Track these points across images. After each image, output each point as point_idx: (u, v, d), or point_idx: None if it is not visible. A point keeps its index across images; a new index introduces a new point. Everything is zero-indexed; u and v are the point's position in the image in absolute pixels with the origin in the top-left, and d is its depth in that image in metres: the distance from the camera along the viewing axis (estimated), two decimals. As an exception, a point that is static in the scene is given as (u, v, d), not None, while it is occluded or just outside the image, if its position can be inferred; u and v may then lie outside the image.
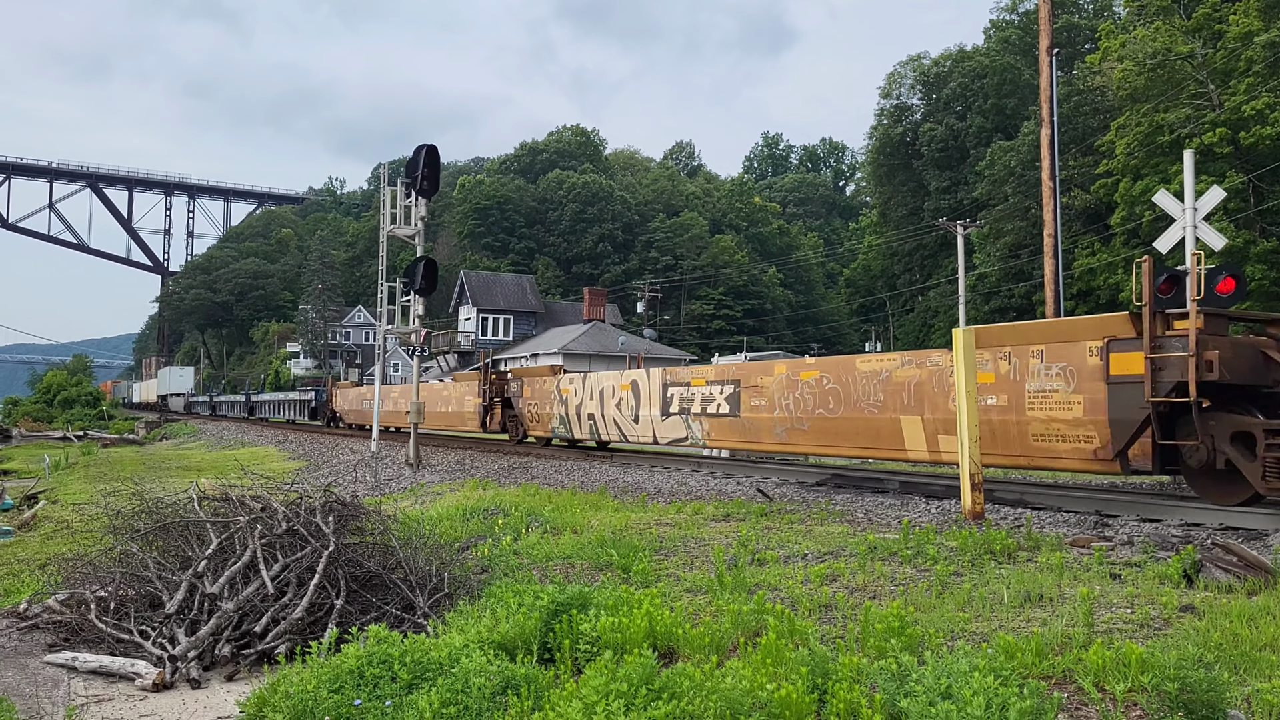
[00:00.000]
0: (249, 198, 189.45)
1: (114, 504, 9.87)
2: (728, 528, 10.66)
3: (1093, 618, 5.62)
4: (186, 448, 42.69)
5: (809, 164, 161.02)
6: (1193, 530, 9.63)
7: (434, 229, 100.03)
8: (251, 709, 5.34)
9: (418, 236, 22.22)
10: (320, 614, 7.27)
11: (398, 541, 8.24)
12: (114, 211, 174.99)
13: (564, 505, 12.59)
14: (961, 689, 4.25)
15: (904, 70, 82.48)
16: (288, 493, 9.49)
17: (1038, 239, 46.42)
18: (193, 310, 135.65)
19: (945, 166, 75.82)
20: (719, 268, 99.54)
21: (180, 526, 8.51)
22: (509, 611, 6.20)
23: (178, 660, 6.55)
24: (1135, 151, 46.88)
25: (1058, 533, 9.56)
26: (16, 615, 7.96)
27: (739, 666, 4.92)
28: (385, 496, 16.84)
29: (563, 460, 20.85)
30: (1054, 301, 23.61)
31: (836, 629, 6.01)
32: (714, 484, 15.64)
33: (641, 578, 7.68)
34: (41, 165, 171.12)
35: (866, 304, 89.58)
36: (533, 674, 5.16)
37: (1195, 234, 18.45)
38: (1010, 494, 12.61)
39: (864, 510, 12.11)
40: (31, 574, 11.31)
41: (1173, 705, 4.28)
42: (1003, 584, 6.90)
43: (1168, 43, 45.42)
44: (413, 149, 22.31)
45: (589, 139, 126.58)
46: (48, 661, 6.87)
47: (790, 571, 7.84)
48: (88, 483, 24.82)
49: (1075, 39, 70.19)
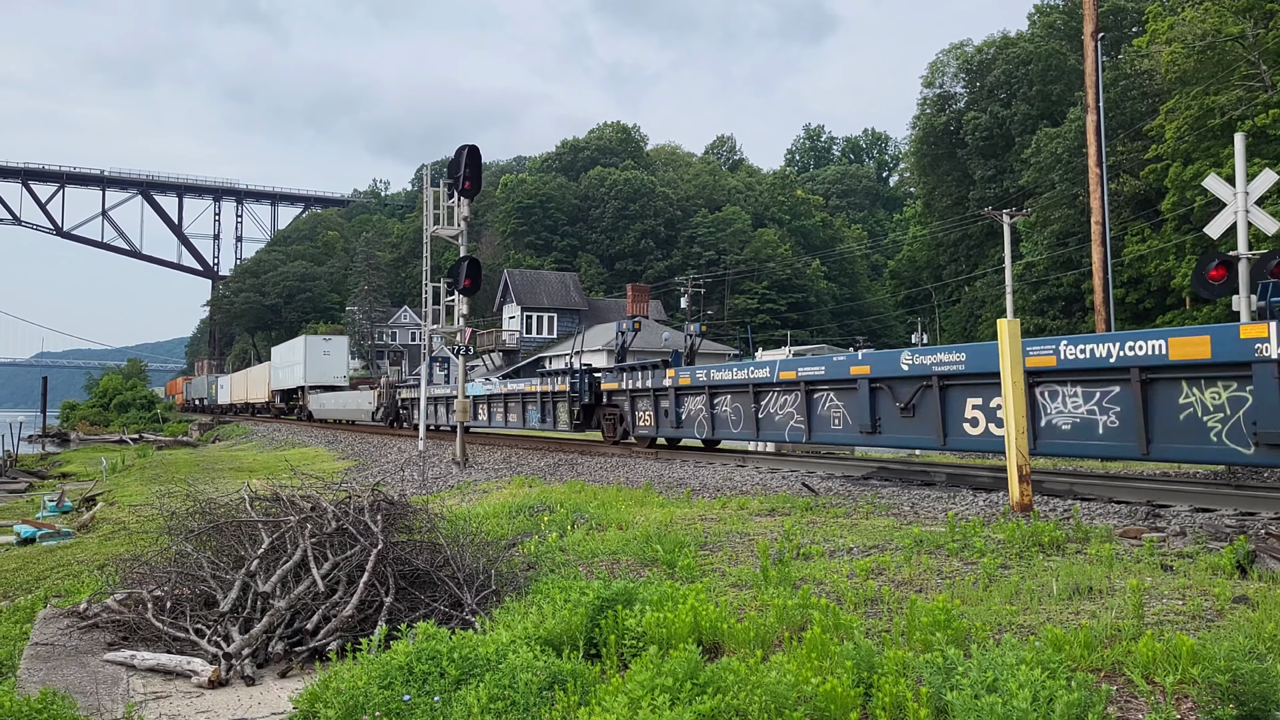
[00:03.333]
0: (295, 201, 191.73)
1: (169, 505, 10.06)
2: (772, 522, 10.65)
3: (1143, 610, 5.55)
4: (238, 449, 43.36)
5: (851, 155, 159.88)
6: (1247, 520, 9.47)
7: (477, 228, 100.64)
8: (304, 705, 5.44)
9: (461, 236, 22.39)
10: (370, 611, 7.37)
11: (445, 539, 8.33)
12: (165, 218, 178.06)
13: (609, 501, 12.64)
14: (1008, 681, 4.23)
15: (947, 59, 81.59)
16: (337, 492, 9.63)
17: (1085, 226, 45.75)
18: (243, 313, 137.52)
19: (990, 155, 74.91)
20: (762, 262, 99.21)
21: (233, 526, 8.65)
22: (555, 608, 6.25)
23: (232, 657, 6.68)
24: (1185, 135, 46.03)
25: (1107, 524, 9.43)
26: (77, 615, 8.15)
27: (784, 661, 4.92)
28: (432, 495, 17.01)
29: (608, 457, 20.91)
30: (1103, 290, 23.28)
31: (882, 623, 5.99)
32: (759, 479, 15.61)
33: (686, 573, 7.69)
34: (94, 174, 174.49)
35: (912, 295, 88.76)
36: (579, 669, 5.20)
37: (1247, 218, 18.09)
38: (1059, 485, 12.47)
39: (910, 503, 12.04)
40: (91, 574, 11.59)
41: (1224, 698, 4.22)
42: (1051, 576, 6.83)
43: (1217, 24, 44.52)
44: (451, 148, 22.74)
45: (630, 135, 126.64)
46: (107, 659, 7.04)
47: (835, 565, 7.82)
48: (143, 484, 25.31)
49: (1122, 22, 69.00)
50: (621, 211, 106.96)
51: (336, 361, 56.75)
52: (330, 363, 56.49)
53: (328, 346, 57.36)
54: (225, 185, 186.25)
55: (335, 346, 57.71)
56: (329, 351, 56.81)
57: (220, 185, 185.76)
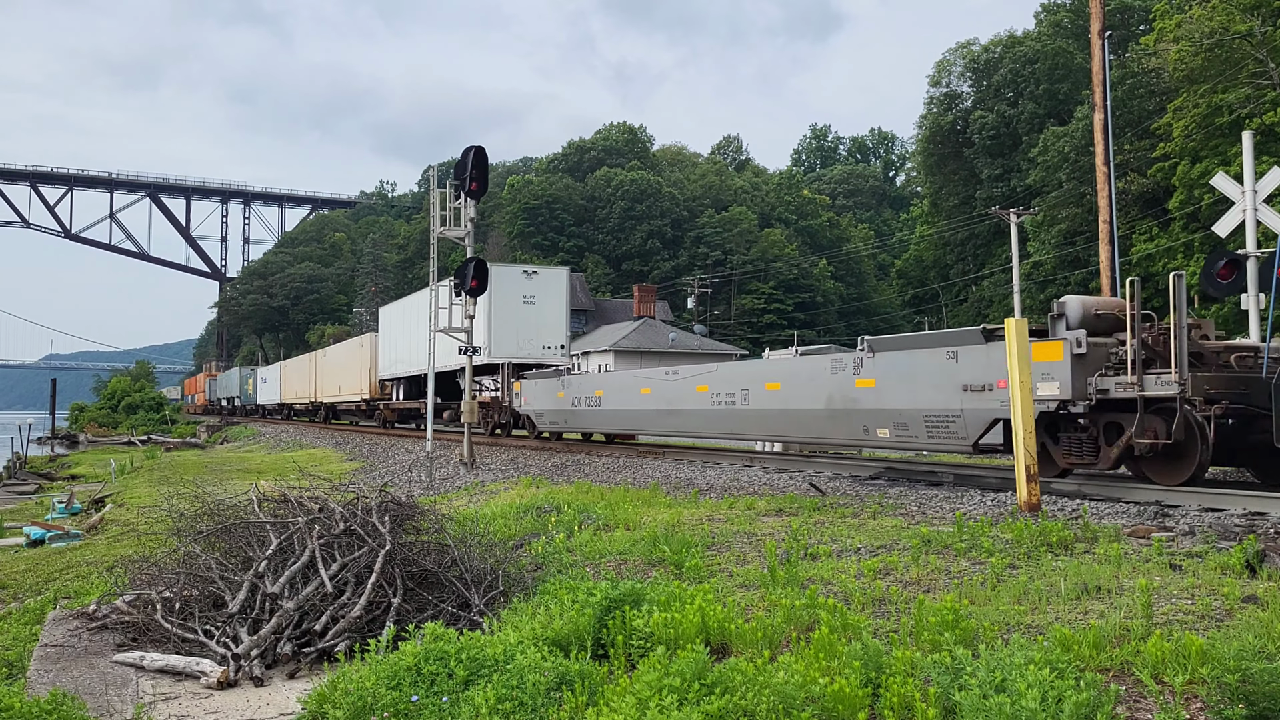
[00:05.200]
0: (302, 203, 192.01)
1: (177, 507, 10.09)
2: (780, 522, 10.64)
3: (1151, 609, 5.54)
4: (246, 450, 43.45)
5: (858, 155, 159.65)
6: (1256, 519, 9.44)
7: (484, 229, 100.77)
8: (313, 705, 5.45)
9: (467, 238, 22.40)
10: (378, 612, 7.38)
11: (453, 540, 8.34)
12: (172, 220, 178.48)
13: (616, 502, 12.64)
14: (1016, 681, 4.23)
15: (953, 58, 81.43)
16: (344, 493, 9.65)
17: (1093, 225, 45.63)
18: (250, 315, 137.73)
19: (997, 154, 74.74)
20: (769, 262, 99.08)
21: (241, 528, 8.68)
22: (563, 608, 6.26)
23: (241, 658, 6.70)
24: (1193, 133, 45.88)
25: (1116, 524, 9.41)
26: (86, 616, 8.18)
27: (792, 661, 4.92)
28: (440, 496, 17.04)
29: (615, 457, 20.91)
30: (1110, 289, 23.22)
31: (890, 623, 5.99)
32: (766, 479, 15.60)
33: (694, 573, 7.69)
34: (102, 177, 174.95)
35: (919, 295, 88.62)
36: (587, 670, 5.21)
37: (1256, 217, 18.03)
38: (1067, 485, 12.44)
39: (918, 503, 12.02)
40: (100, 575, 11.63)
41: (1233, 697, 4.21)
42: (1059, 576, 6.82)
43: (1225, 21, 44.36)
44: (456, 149, 22.71)
45: (636, 136, 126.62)
46: (116, 661, 7.06)
47: (843, 566, 7.82)
48: (152, 486, 25.37)
49: (1129, 20, 68.82)
50: (628, 212, 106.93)
51: (549, 314, 30.47)
52: (537, 316, 30.21)
53: (531, 285, 30.25)
54: (232, 187, 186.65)
55: (546, 284, 30.59)
56: (534, 296, 30.07)
57: (227, 187, 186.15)
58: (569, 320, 31.11)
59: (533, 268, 31.25)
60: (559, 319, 30.63)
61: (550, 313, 30.45)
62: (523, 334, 29.80)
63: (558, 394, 25.83)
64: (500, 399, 30.11)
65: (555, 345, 30.31)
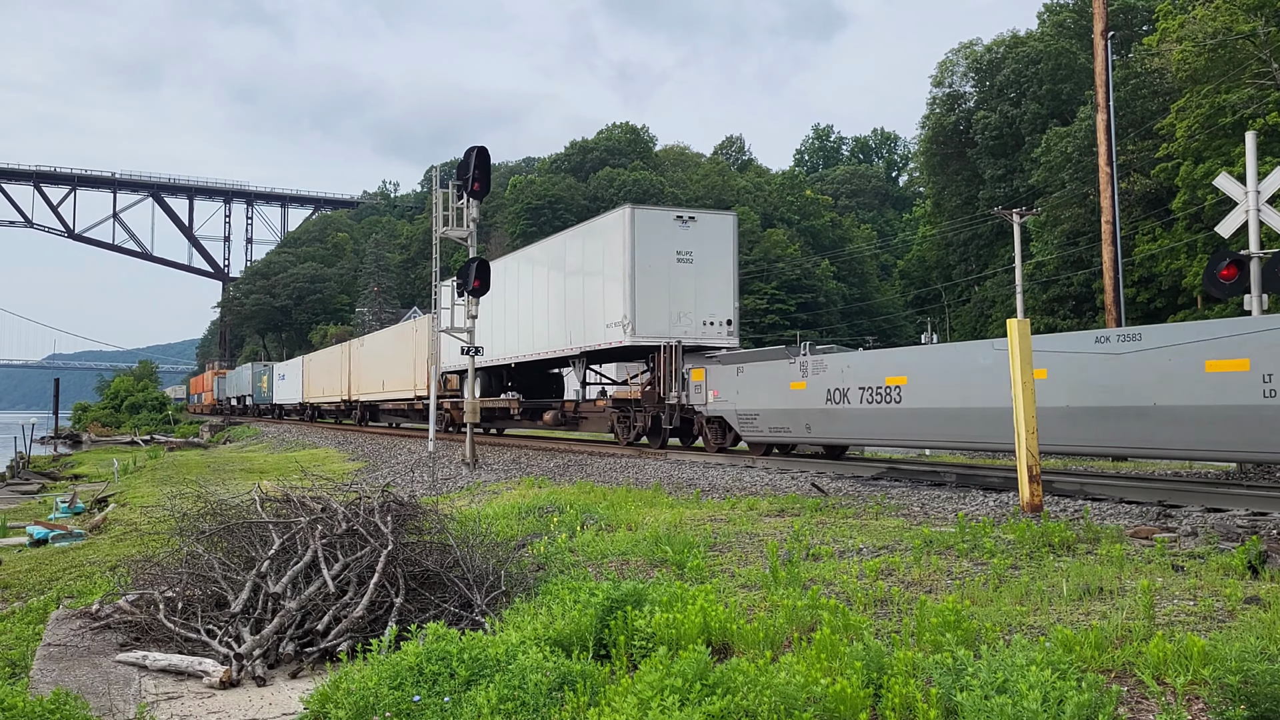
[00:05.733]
0: (305, 203, 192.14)
1: (180, 506, 10.11)
2: (782, 523, 10.64)
3: (1153, 610, 5.54)
4: (249, 450, 43.50)
5: (860, 155, 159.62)
6: (1259, 520, 9.43)
7: (486, 229, 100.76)
8: (315, 705, 5.46)
9: (470, 238, 22.41)
10: (380, 612, 7.39)
11: (455, 540, 8.35)
12: (175, 220, 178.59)
13: (618, 502, 12.64)
14: (1018, 682, 4.23)
15: (956, 58, 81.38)
16: (347, 493, 9.65)
17: (1096, 226, 45.62)
18: (253, 315, 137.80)
19: (1000, 154, 74.71)
20: (771, 262, 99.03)
21: (243, 528, 8.68)
22: (565, 608, 6.26)
23: (243, 658, 6.71)
24: (1196, 134, 45.85)
25: (1118, 524, 9.41)
26: (89, 616, 8.20)
27: (793, 661, 4.92)
28: (442, 496, 17.05)
29: (617, 458, 20.91)
30: (1113, 289, 23.23)
31: (892, 623, 5.99)
32: (768, 479, 15.60)
33: (696, 574, 7.70)
34: (105, 177, 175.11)
35: (922, 295, 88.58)
36: (588, 670, 5.21)
37: (1259, 217, 18.02)
38: (1069, 485, 12.44)
39: (920, 504, 12.02)
40: (103, 575, 11.64)
41: (1235, 698, 4.21)
42: (1061, 577, 6.82)
43: (1228, 21, 44.33)
44: (458, 149, 22.70)
45: (639, 136, 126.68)
46: (119, 660, 7.07)
47: (845, 566, 7.82)
48: (155, 486, 25.40)
49: (1132, 21, 68.76)
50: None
51: (712, 277, 22.52)
52: (695, 280, 22.36)
53: (687, 237, 22.27)
54: (235, 187, 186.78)
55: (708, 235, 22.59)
56: (690, 253, 22.27)
57: (230, 187, 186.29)
58: (737, 286, 22.54)
59: (689, 212, 22.25)
60: (725, 283, 22.30)
61: (714, 275, 22.18)
62: (677, 304, 21.80)
63: (792, 385, 17.46)
64: (656, 392, 21.72)
65: (720, 320, 22.07)
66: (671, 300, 21.79)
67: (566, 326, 24.44)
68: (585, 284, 23.73)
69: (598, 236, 23.48)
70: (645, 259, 21.55)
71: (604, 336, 22.60)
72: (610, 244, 22.46)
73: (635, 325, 21.48)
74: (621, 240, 21.73)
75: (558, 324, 24.81)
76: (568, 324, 24.04)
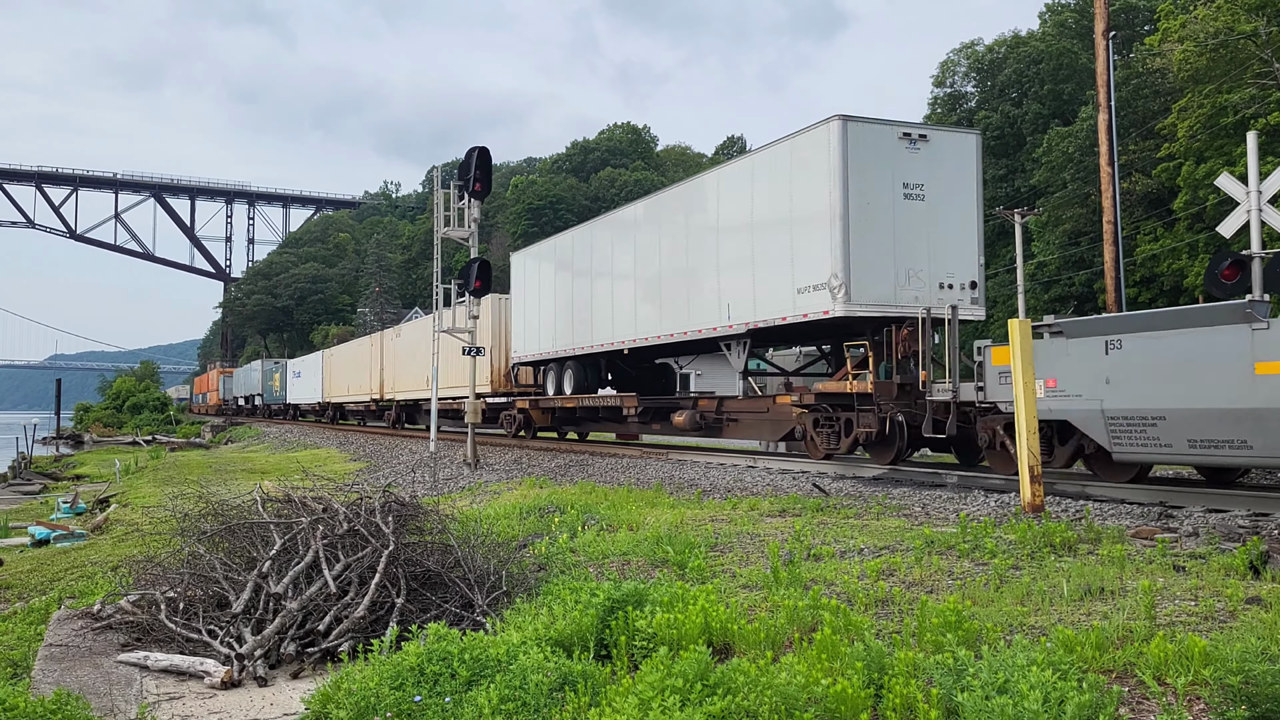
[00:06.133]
0: (306, 203, 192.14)
1: (181, 507, 10.11)
2: (783, 523, 10.64)
3: (1154, 610, 5.55)
4: (250, 450, 43.51)
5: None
6: (1260, 521, 9.43)
7: (487, 229, 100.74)
8: (316, 705, 5.47)
9: (471, 238, 22.41)
10: (381, 612, 7.39)
11: (456, 540, 8.35)
12: (177, 220, 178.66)
13: (620, 502, 12.65)
14: (1019, 683, 4.23)
15: (957, 58, 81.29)
16: (348, 494, 9.66)
17: (1098, 226, 45.58)
18: (255, 315, 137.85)
19: (1001, 154, 74.65)
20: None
21: (245, 528, 8.69)
22: (566, 609, 6.27)
23: (245, 658, 6.71)
24: (1198, 134, 45.82)
25: (1120, 525, 9.41)
26: (91, 616, 8.21)
27: (794, 662, 4.93)
28: (444, 496, 17.04)
29: (618, 458, 20.92)
30: (1115, 289, 23.21)
31: (893, 624, 5.99)
32: (770, 480, 15.60)
33: (697, 574, 7.70)
34: (107, 177, 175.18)
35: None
36: (589, 670, 5.22)
37: (1260, 217, 18.00)
38: (1071, 486, 12.43)
39: (921, 504, 12.02)
40: (104, 576, 11.64)
41: (1236, 699, 4.21)
42: (1062, 577, 6.82)
43: (1230, 21, 44.30)
44: (459, 149, 22.61)
45: (640, 136, 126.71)
46: (121, 660, 7.07)
47: (846, 567, 7.82)
48: (156, 486, 25.41)
49: (1133, 20, 68.74)
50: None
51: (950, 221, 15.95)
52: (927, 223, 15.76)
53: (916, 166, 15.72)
54: (237, 187, 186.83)
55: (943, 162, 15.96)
56: (921, 187, 15.76)
57: (232, 187, 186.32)
58: (983, 235, 16.36)
59: (920, 128, 16.10)
60: (968, 230, 16.30)
61: (953, 218, 16.11)
62: (907, 259, 15.76)
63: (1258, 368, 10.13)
64: (895, 385, 15.35)
65: (963, 282, 16.01)
66: (899, 253, 15.67)
67: (719, 298, 18.39)
68: (754, 239, 17.49)
69: (778, 168, 16.90)
70: (862, 193, 15.41)
71: (792, 307, 16.33)
72: (804, 176, 16.15)
73: (851, 288, 15.27)
74: (827, 167, 15.51)
75: (710, 295, 18.75)
76: (721, 295, 18.26)
